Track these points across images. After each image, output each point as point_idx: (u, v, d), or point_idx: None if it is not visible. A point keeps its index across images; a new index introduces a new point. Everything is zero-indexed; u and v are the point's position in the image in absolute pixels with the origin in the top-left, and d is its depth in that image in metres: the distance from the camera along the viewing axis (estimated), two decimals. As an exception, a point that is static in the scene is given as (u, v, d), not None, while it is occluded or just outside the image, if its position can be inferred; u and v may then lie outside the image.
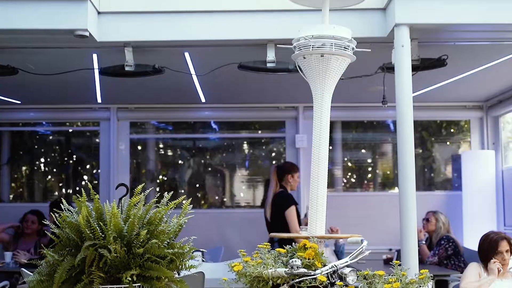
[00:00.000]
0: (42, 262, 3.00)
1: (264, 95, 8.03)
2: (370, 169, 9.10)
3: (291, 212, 6.44)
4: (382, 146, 9.16)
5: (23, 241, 7.26)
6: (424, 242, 7.14)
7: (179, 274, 3.13)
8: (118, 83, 6.67)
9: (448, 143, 9.14)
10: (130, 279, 2.81)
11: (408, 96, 4.79)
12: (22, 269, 4.41)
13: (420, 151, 8.93)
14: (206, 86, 7.22)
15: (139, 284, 2.90)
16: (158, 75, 5.87)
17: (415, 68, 5.30)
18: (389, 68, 5.48)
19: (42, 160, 9.17)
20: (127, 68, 5.53)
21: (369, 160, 9.13)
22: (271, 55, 5.42)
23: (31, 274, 3.04)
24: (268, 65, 5.48)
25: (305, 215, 7.42)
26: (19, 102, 8.15)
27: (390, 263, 3.08)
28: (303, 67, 4.48)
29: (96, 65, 6.10)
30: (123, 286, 2.86)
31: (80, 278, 2.84)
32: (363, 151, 9.14)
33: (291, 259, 3.03)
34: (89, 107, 8.54)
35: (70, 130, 9.21)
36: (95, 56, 5.90)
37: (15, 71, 5.94)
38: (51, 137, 9.20)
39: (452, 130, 9.18)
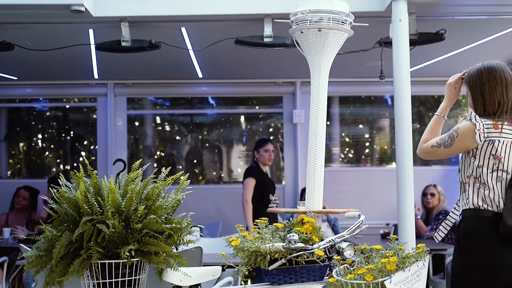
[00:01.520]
0: (40, 237, 3.01)
1: (261, 70, 8.01)
2: (367, 144, 9.12)
3: (245, 183, 6.76)
4: (380, 121, 9.16)
5: (13, 217, 7.21)
6: (419, 217, 7.17)
7: (177, 249, 3.15)
8: (114, 59, 6.64)
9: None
10: (128, 254, 2.82)
11: (405, 70, 4.77)
12: (21, 244, 4.42)
13: (418, 126, 8.93)
14: (203, 61, 7.20)
15: (137, 259, 2.91)
16: (155, 51, 5.84)
17: (413, 43, 5.28)
18: (387, 43, 5.46)
19: (40, 136, 9.16)
20: (123, 44, 5.51)
21: (367, 135, 9.13)
22: (268, 30, 5.40)
23: (30, 249, 3.05)
24: (266, 40, 5.45)
25: (302, 190, 7.46)
26: (16, 78, 8.12)
27: (387, 237, 3.10)
28: (301, 41, 4.45)
29: (92, 41, 6.06)
30: (121, 261, 2.88)
31: (79, 253, 2.86)
32: (360, 126, 9.14)
33: (288, 233, 3.04)
34: (86, 83, 8.51)
35: (67, 106, 9.19)
36: (91, 31, 5.87)
37: (11, 47, 5.90)
38: (48, 113, 9.18)
39: (449, 105, 9.17)
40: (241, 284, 3.23)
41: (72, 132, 9.13)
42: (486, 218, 3.11)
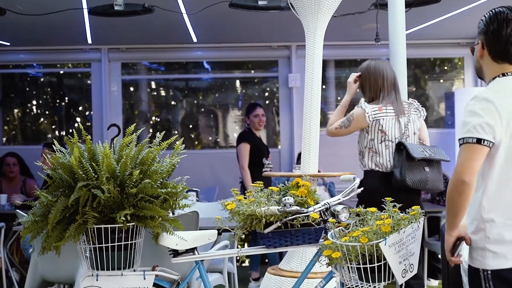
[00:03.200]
0: (36, 203, 3.02)
1: (256, 34, 7.95)
2: (363, 107, 9.09)
3: (240, 148, 6.82)
4: (376, 84, 9.11)
5: (7, 186, 7.09)
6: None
7: (173, 213, 3.16)
8: (108, 23, 6.58)
9: (441, 80, 9.11)
10: (124, 218, 2.83)
11: (401, 33, 4.74)
12: (17, 210, 4.44)
13: (414, 89, 8.91)
14: (197, 25, 7.14)
15: (133, 223, 2.92)
16: (148, 15, 5.79)
17: (408, 5, 5.23)
18: (382, 5, 5.41)
19: (34, 102, 9.12)
20: (116, 8, 5.46)
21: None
22: (262, -7, 5.35)
23: (26, 215, 3.06)
24: (260, 3, 5.41)
25: (299, 155, 7.47)
26: (9, 43, 8.05)
27: (383, 200, 3.11)
28: (295, 4, 4.41)
29: (85, 5, 6.00)
30: (117, 225, 2.89)
31: (74, 218, 2.87)
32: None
33: (284, 197, 3.05)
34: (79, 48, 8.44)
35: (61, 72, 9.12)
36: (83, -5, 5.81)
37: (3, 12, 5.84)
38: (42, 79, 9.12)
39: (445, 68, 9.15)
40: (237, 248, 3.25)
41: (66, 98, 9.09)
42: (377, 176, 4.21)
